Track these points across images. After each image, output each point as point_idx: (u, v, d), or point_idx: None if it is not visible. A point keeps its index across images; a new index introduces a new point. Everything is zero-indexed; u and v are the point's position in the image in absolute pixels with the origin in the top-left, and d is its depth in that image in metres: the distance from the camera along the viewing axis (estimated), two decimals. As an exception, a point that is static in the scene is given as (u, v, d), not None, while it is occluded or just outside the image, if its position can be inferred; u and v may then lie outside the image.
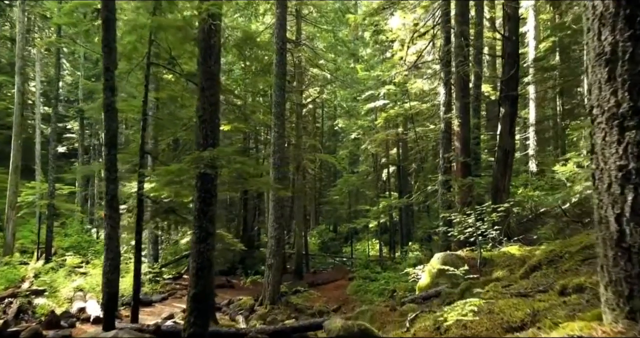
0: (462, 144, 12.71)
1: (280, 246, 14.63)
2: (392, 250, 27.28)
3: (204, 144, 6.96)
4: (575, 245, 5.49)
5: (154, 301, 14.22)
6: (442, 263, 8.59)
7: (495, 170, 12.73)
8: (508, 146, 12.35)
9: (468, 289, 6.86)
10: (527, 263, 5.98)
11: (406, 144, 25.92)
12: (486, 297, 4.42)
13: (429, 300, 7.72)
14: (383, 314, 7.26)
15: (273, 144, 14.71)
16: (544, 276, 5.02)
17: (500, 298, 4.16)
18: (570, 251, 5.42)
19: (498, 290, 4.81)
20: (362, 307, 14.64)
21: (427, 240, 20.12)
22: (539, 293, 4.05)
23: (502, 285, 5.21)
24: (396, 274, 17.46)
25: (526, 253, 8.09)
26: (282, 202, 14.76)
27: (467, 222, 8.75)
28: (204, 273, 6.78)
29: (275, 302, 14.33)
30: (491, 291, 4.88)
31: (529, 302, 3.53)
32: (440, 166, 13.43)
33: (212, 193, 6.98)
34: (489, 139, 21.43)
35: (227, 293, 17.05)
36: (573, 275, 4.67)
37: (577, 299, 3.13)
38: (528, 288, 4.45)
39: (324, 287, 19.72)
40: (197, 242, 6.87)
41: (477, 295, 4.82)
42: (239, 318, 12.49)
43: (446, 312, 3.99)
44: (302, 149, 22.15)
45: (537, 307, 3.23)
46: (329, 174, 41.22)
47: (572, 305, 3.04)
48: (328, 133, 42.06)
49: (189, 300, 6.74)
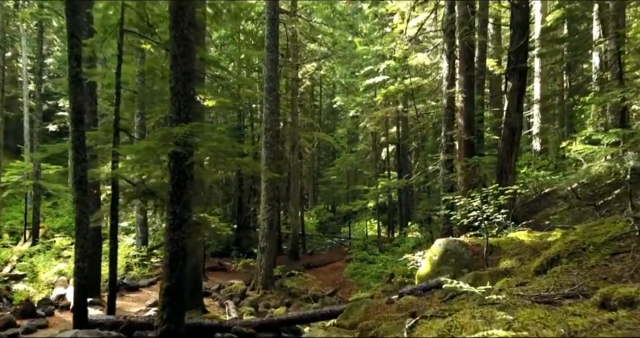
0: (466, 120, 11.87)
1: (273, 229, 13.95)
2: (391, 230, 26.67)
3: (177, 119, 6.14)
4: (600, 235, 4.73)
5: (141, 286, 13.60)
6: (444, 250, 7.88)
7: (501, 149, 11.91)
8: (515, 123, 11.50)
9: (474, 282, 6.13)
10: (544, 255, 5.23)
11: (406, 121, 25.04)
12: (499, 301, 3.68)
13: (429, 292, 7.02)
14: (378, 308, 6.56)
15: (265, 121, 13.88)
16: (566, 273, 4.27)
17: (518, 304, 3.41)
18: (595, 242, 4.66)
19: (512, 290, 4.06)
20: (358, 292, 14.09)
21: (427, 222, 19.48)
22: (567, 300, 3.31)
23: (515, 281, 4.47)
24: (394, 257, 16.84)
25: (537, 241, 7.36)
26: (275, 183, 14.01)
27: (472, 205, 7.99)
28: (178, 265, 6.06)
29: (268, 287, 13.73)
30: (504, 292, 4.14)
31: (559, 315, 2.79)
32: (442, 145, 12.62)
33: (187, 175, 6.20)
34: (493, 116, 20.56)
35: (219, 276, 16.45)
36: (604, 273, 3.92)
37: (628, 318, 2.38)
38: (551, 290, 3.71)
39: (320, 269, 19.16)
40: (171, 229, 6.12)
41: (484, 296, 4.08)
42: (229, 305, 11.86)
43: (453, 321, 3.26)
44: (298, 127, 21.30)
45: (574, 324, 2.49)
46: (327, 153, 40.41)
47: (623, 326, 2.30)
48: (327, 111, 41.07)
49: (161, 294, 6.04)
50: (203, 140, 6.17)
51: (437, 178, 12.49)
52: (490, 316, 3.03)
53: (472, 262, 7.48)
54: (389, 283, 15.00)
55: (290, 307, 13.18)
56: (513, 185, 11.38)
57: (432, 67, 20.17)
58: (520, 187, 7.92)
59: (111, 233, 8.24)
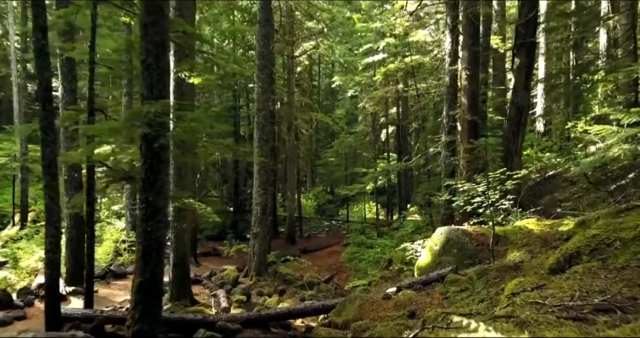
0: (470, 99, 11.16)
1: (266, 213, 13.36)
2: (390, 213, 26.12)
3: (149, 96, 5.46)
4: (628, 229, 4.11)
5: (129, 273, 13.04)
6: (446, 240, 7.29)
7: (506, 130, 11.24)
8: (522, 102, 10.80)
9: (479, 277, 5.55)
10: (560, 250, 4.63)
11: (407, 101, 24.26)
12: (515, 314, 3.07)
13: (430, 286, 6.45)
14: (374, 304, 6.00)
15: (257, 100, 13.15)
16: (589, 274, 3.67)
17: (540, 320, 2.81)
18: (622, 238, 4.05)
19: (529, 297, 3.46)
20: (354, 279, 13.59)
21: (426, 205, 18.90)
22: (600, 314, 2.71)
23: (530, 283, 3.86)
24: (392, 241, 16.33)
25: (547, 230, 6.76)
26: (267, 166, 13.36)
27: (477, 191, 7.37)
28: (152, 258, 5.46)
29: (262, 273, 13.22)
30: (518, 298, 3.53)
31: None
32: (443, 125, 11.93)
33: (161, 159, 5.55)
34: (496, 96, 19.81)
35: (212, 262, 15.95)
36: (638, 277, 3.30)
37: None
38: (577, 299, 3.10)
39: (317, 254, 18.67)
40: (143, 219, 5.50)
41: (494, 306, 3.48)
42: (220, 294, 11.35)
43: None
44: (294, 107, 20.54)
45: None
46: (326, 135, 39.64)
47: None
48: (325, 91, 40.19)
49: (133, 291, 5.45)
50: (176, 119, 5.50)
51: (438, 161, 11.85)
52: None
53: (476, 253, 6.90)
54: (387, 270, 14.50)
55: (284, 295, 12.70)
56: (519, 168, 10.78)
57: (434, 44, 19.32)
58: (530, 171, 7.26)
59: (87, 222, 7.62)
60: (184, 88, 9.90)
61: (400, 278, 12.15)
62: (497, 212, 7.34)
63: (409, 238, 15.35)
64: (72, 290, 10.54)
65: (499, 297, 4.21)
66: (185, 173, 10.12)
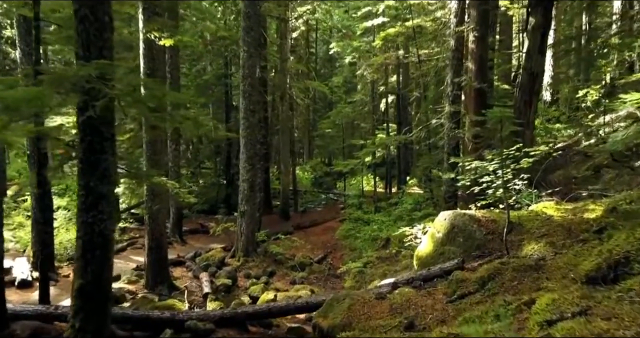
0: (478, 64, 9.99)
1: (254, 190, 12.40)
2: (388, 186, 25.15)
3: (85, 56, 4.36)
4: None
5: (117, 252, 12.21)
6: (450, 226, 6.32)
7: (517, 99, 10.13)
8: (536, 67, 9.66)
9: (492, 279, 4.60)
10: (600, 252, 3.65)
11: (407, 69, 22.93)
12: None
13: (431, 283, 5.51)
14: (366, 307, 5.08)
15: (242, 66, 11.96)
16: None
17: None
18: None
19: (573, 331, 2.49)
20: (349, 261, 12.74)
21: (427, 179, 17.94)
22: None
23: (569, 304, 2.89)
24: (390, 218, 15.45)
25: (570, 216, 5.78)
26: (255, 139, 12.29)
27: (487, 170, 6.35)
28: (95, 256, 4.50)
29: (250, 254, 12.38)
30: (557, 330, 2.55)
31: None
32: (447, 94, 10.79)
33: (104, 135, 4.51)
34: (501, 62, 18.56)
35: (199, 240, 15.09)
36: None
37: None
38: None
39: (311, 230, 17.82)
40: (84, 209, 4.51)
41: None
42: (203, 277, 10.51)
43: None
44: (287, 75, 19.26)
45: None
46: (324, 104, 38.32)
47: None
48: (323, 59, 38.66)
49: (72, 296, 4.51)
50: (123, 86, 4.42)
51: (441, 133, 10.79)
52: None
53: (485, 242, 5.94)
54: (384, 249, 13.67)
55: (274, 277, 11.88)
56: (531, 142, 9.75)
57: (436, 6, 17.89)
58: (550, 147, 6.23)
59: (39, 205, 6.64)
60: (156, 52, 8.74)
61: (398, 258, 11.31)
62: (509, 194, 6.33)
63: (408, 215, 14.49)
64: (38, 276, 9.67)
65: (524, 315, 3.25)
66: (161, 149, 9.08)
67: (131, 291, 9.06)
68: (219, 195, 23.62)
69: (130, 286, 9.34)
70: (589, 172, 8.87)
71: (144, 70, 8.78)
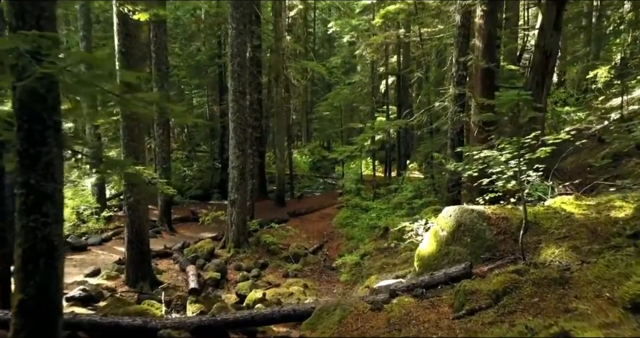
0: (486, 42, 9.15)
1: (245, 178, 11.67)
2: (388, 170, 24.41)
3: (19, 26, 3.59)
4: None
5: (90, 244, 11.57)
6: (456, 224, 5.61)
7: (529, 79, 9.36)
8: (551, 45, 8.85)
9: (507, 293, 3.90)
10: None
11: (408, 49, 21.97)
12: None
13: (435, 291, 4.83)
14: (359, 320, 4.41)
15: (230, 45, 11.11)
16: None
17: None
18: None
19: None
20: (345, 254, 12.09)
21: (428, 165, 17.22)
22: None
23: None
24: (389, 206, 14.76)
25: (593, 214, 5.07)
26: (246, 123, 11.52)
27: (498, 160, 5.62)
28: (38, 266, 3.80)
29: (241, 244, 11.73)
30: None
31: None
32: (452, 75, 9.97)
33: (46, 123, 3.76)
34: (507, 41, 17.61)
35: (189, 229, 14.43)
36: None
37: None
38: None
39: (308, 217, 17.15)
40: (23, 211, 3.79)
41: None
42: (190, 271, 9.86)
43: None
44: (282, 55, 18.34)
45: None
46: (323, 86, 37.33)
47: None
48: (322, 39, 37.51)
49: (13, 313, 3.83)
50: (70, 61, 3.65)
51: (445, 117, 10.02)
52: None
53: (496, 243, 5.24)
54: (382, 239, 13.02)
55: (266, 269, 11.26)
56: (543, 127, 9.00)
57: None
58: (571, 135, 5.48)
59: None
60: (131, 28, 7.90)
61: (398, 249, 10.65)
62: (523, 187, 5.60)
63: (408, 203, 13.80)
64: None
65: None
66: (139, 135, 8.32)
67: (110, 288, 8.41)
68: (214, 180, 22.90)
69: (109, 282, 8.69)
70: (606, 161, 8.13)
71: (118, 48, 7.98)
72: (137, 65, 8.08)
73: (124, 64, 8.02)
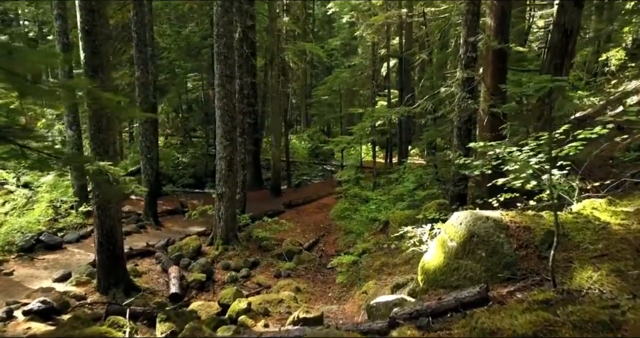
0: (499, 20, 8.16)
1: (233, 169, 10.77)
2: (389, 157, 23.48)
3: None
4: None
5: (66, 242, 10.73)
6: (468, 234, 4.73)
7: (546, 62, 8.39)
8: (572, 23, 7.85)
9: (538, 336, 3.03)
10: None
11: (411, 30, 20.85)
12: None
13: (443, 320, 3.97)
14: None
15: (216, 24, 10.11)
16: None
17: None
18: None
19: None
20: (340, 253, 11.25)
21: (431, 152, 16.32)
22: None
23: None
24: (390, 198, 13.87)
25: (634, 225, 4.19)
26: (233, 110, 10.57)
27: (518, 158, 4.73)
28: None
29: (230, 241, 10.92)
30: None
31: None
32: (460, 57, 8.97)
33: None
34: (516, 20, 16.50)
35: (177, 222, 13.58)
36: None
37: None
38: None
39: (304, 208, 16.33)
40: None
41: None
42: (172, 272, 9.07)
43: None
44: (277, 36, 17.28)
45: None
46: (324, 69, 36.14)
47: None
48: (321, 21, 36.23)
49: None
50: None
51: (450, 105, 9.06)
52: None
53: (516, 260, 4.37)
54: (382, 233, 12.21)
55: (257, 268, 10.46)
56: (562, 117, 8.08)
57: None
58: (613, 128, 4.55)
59: None
60: (94, 2, 6.92)
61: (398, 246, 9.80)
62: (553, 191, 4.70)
63: (410, 195, 12.92)
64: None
65: None
66: (106, 125, 7.40)
67: (79, 296, 7.60)
68: (208, 167, 21.99)
69: (78, 289, 7.87)
70: (635, 154, 7.21)
71: (80, 26, 7.01)
72: (103, 46, 7.10)
73: (87, 44, 7.08)
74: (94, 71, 7.22)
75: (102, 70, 7.28)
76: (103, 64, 7.31)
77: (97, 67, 7.23)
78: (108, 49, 7.20)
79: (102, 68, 7.29)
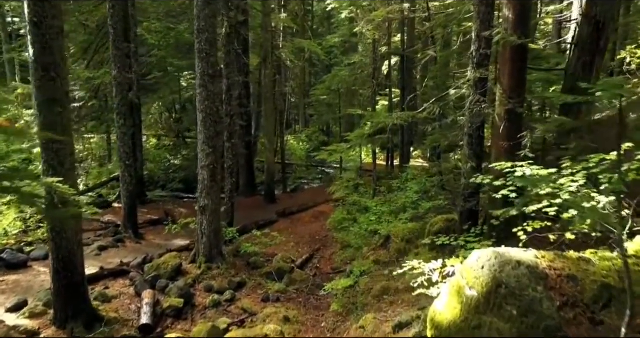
0: (518, 11, 7.04)
1: (216, 180, 9.71)
2: (390, 159, 22.40)
3: None
4: None
5: (33, 259, 9.65)
6: (493, 283, 3.64)
7: (572, 60, 7.30)
8: (604, 15, 6.77)
9: None
10: None
11: (413, 26, 19.78)
12: None
13: None
14: None
15: (197, 17, 9.01)
16: None
17: None
18: None
19: None
20: (338, 278, 10.13)
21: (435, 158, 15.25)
22: None
23: None
24: (391, 208, 12.78)
25: None
26: (217, 113, 9.50)
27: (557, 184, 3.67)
28: None
29: (214, 259, 9.87)
30: None
31: None
32: (472, 54, 7.86)
33: None
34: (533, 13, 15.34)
35: (160, 235, 12.48)
36: None
37: None
38: None
39: (299, 217, 15.24)
40: None
41: None
42: (145, 297, 8.02)
43: None
44: (271, 32, 16.20)
45: None
46: (323, 68, 35.05)
47: None
48: (321, 18, 35.16)
49: None
50: None
51: (462, 110, 7.98)
52: None
53: (561, 324, 3.29)
54: (383, 249, 11.15)
55: (242, 290, 9.38)
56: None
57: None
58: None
59: None
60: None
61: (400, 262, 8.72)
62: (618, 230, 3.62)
63: (413, 207, 11.84)
64: None
65: None
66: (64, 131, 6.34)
67: (31, 331, 6.55)
68: (201, 171, 20.90)
69: (32, 322, 6.81)
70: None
71: (29, 18, 5.96)
72: (56, 40, 6.04)
73: (37, 38, 6.02)
74: (45, 70, 6.17)
75: (54, 68, 6.23)
76: (56, 62, 6.26)
77: (49, 65, 6.18)
78: (63, 44, 6.11)
79: (55, 66, 6.23)
